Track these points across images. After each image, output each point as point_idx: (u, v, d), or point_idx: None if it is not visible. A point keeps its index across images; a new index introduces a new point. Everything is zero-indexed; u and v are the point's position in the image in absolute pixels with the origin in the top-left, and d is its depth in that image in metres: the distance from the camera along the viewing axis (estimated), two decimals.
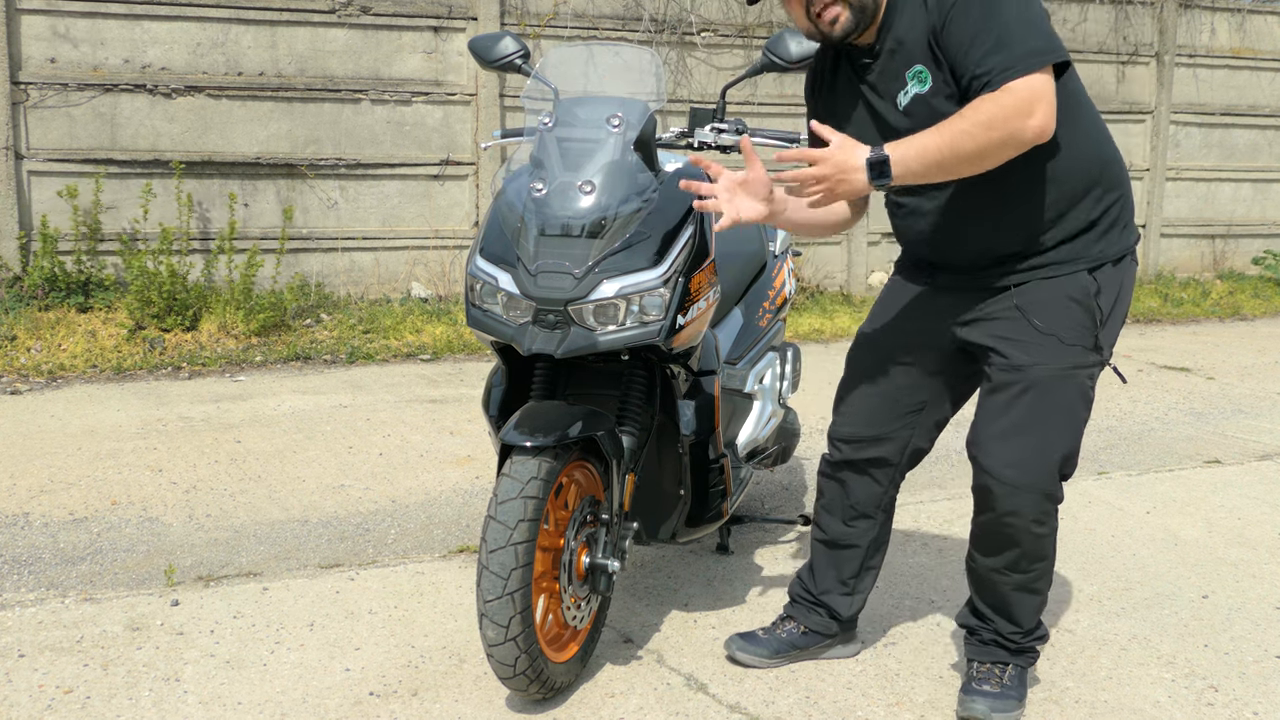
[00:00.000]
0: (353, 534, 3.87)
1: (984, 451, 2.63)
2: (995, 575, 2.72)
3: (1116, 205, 2.62)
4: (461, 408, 5.55)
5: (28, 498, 4.14)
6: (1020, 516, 2.61)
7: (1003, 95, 2.35)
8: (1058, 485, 2.62)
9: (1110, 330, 2.63)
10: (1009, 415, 2.60)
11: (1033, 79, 2.35)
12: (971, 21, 2.40)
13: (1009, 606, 2.75)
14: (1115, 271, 2.63)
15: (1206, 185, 10.04)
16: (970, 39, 2.40)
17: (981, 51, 2.39)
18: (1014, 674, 2.77)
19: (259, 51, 7.13)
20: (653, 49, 2.83)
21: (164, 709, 2.72)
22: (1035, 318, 2.58)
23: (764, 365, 3.67)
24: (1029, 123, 2.36)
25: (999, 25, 2.38)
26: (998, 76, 2.36)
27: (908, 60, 2.52)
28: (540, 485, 2.57)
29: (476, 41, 3.29)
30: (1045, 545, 2.67)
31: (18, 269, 6.68)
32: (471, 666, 2.93)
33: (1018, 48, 2.36)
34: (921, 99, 2.52)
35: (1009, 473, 2.58)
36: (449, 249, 7.68)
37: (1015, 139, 2.37)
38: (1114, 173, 2.62)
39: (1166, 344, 7.77)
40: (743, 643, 3.00)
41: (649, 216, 2.75)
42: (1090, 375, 2.62)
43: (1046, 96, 2.36)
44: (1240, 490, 4.56)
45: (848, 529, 2.95)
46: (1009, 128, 2.35)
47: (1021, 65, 2.35)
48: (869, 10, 2.53)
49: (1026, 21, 2.38)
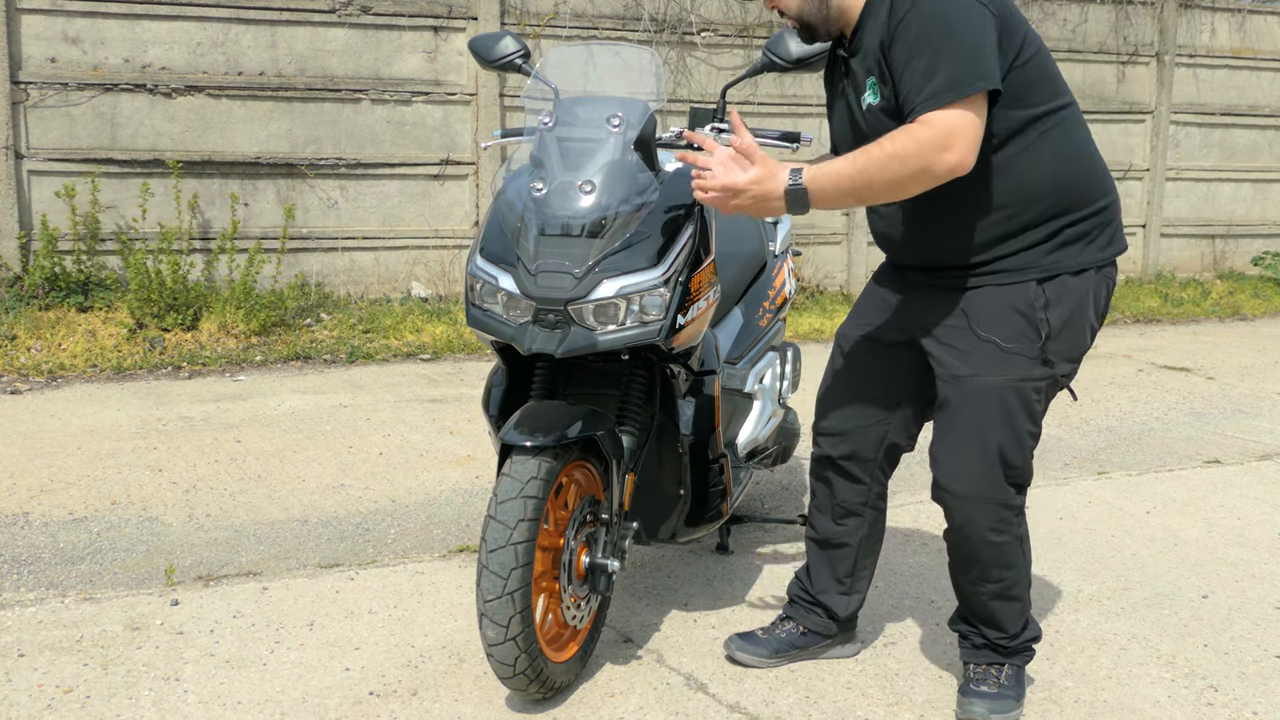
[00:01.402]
0: (352, 534, 3.87)
1: (936, 465, 2.67)
2: (971, 588, 2.74)
3: (1084, 223, 2.59)
4: (461, 407, 5.55)
5: (28, 497, 4.14)
6: (975, 527, 2.63)
7: (919, 128, 2.37)
8: (1008, 493, 2.62)
9: (1063, 344, 2.59)
10: (953, 429, 2.63)
11: (952, 112, 2.35)
12: (908, 44, 2.41)
13: (992, 615, 2.75)
14: (1074, 284, 2.58)
15: (1206, 185, 10.04)
16: (904, 63, 2.41)
17: (910, 77, 2.40)
18: (1011, 673, 2.78)
19: (259, 51, 7.13)
20: (653, 49, 2.83)
21: (164, 708, 2.72)
22: (977, 324, 2.59)
23: (764, 365, 3.67)
24: (943, 157, 2.36)
25: (930, 52, 2.37)
26: (919, 107, 2.37)
27: (868, 67, 2.55)
28: (540, 485, 2.57)
29: (476, 41, 3.29)
30: (1008, 553, 2.67)
31: (18, 268, 6.68)
32: (471, 666, 2.93)
33: (941, 78, 2.35)
34: (874, 111, 2.55)
35: (957, 485, 2.62)
36: (449, 249, 7.69)
37: (928, 172, 2.38)
38: (1082, 194, 2.58)
39: (1166, 344, 7.76)
40: (742, 643, 3.00)
41: (649, 216, 2.75)
42: (1036, 388, 2.59)
43: (965, 130, 2.36)
44: (1240, 490, 4.56)
45: (838, 527, 2.97)
46: (921, 161, 2.36)
47: (942, 97, 2.35)
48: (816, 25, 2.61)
49: (957, 50, 2.36)
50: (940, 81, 2.35)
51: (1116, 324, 8.54)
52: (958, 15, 2.39)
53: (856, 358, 2.89)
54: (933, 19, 2.39)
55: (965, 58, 2.36)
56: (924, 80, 2.37)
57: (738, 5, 8.22)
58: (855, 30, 2.59)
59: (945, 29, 2.38)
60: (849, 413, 2.89)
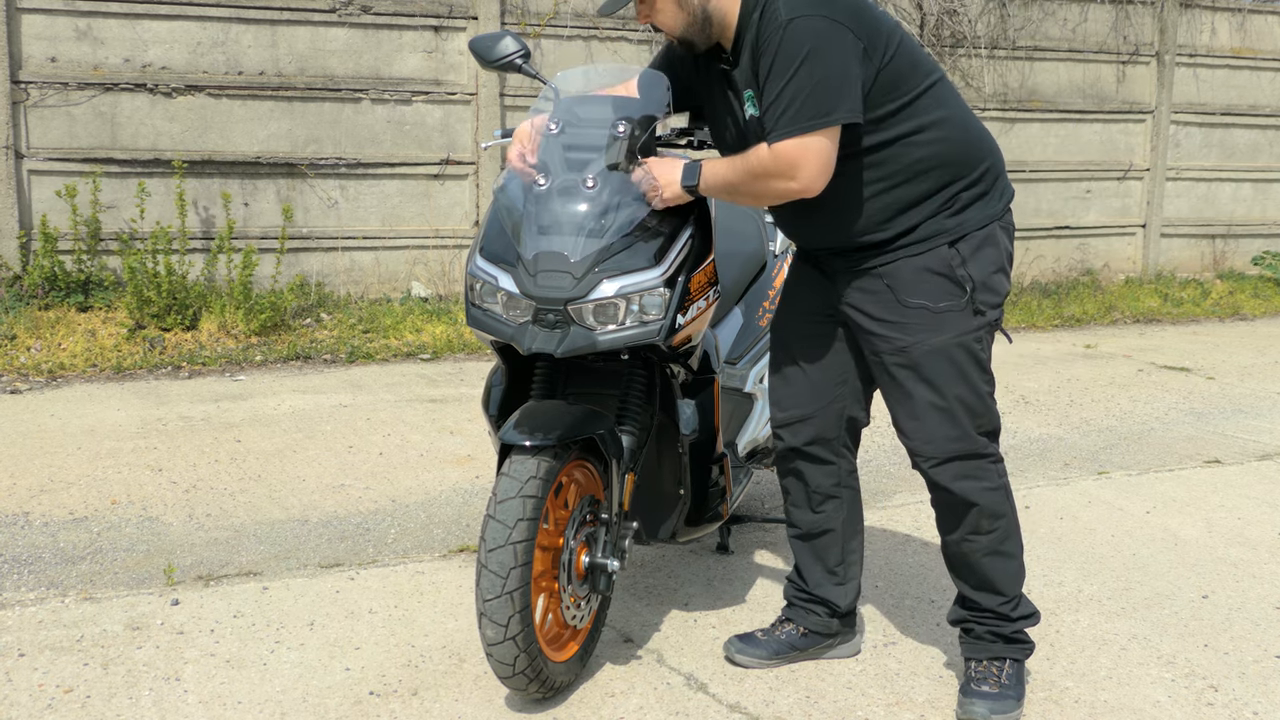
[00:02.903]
0: (353, 533, 3.87)
1: (904, 435, 2.77)
2: (963, 548, 2.78)
3: (976, 185, 2.69)
4: (461, 407, 5.55)
5: (28, 497, 4.14)
6: (958, 485, 2.70)
7: (769, 155, 2.54)
8: (980, 442, 2.71)
9: (988, 292, 2.69)
10: (909, 396, 2.72)
11: (798, 141, 2.50)
12: (770, 68, 2.53)
13: (987, 576, 2.78)
14: (981, 237, 2.69)
15: (1207, 185, 10.04)
16: (765, 83, 2.55)
17: (769, 104, 2.53)
18: (1011, 672, 2.78)
19: (259, 51, 7.13)
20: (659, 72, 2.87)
21: (164, 708, 2.72)
22: (902, 294, 2.68)
23: (764, 365, 3.67)
24: (790, 184, 2.55)
25: (787, 80, 2.50)
26: (771, 135, 2.53)
27: (746, 80, 2.66)
28: (539, 485, 2.57)
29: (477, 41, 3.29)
30: (994, 502, 2.73)
31: (18, 268, 6.68)
32: (471, 666, 2.93)
33: (793, 109, 2.49)
34: (754, 120, 2.67)
35: (930, 448, 2.71)
36: (449, 248, 7.68)
37: (780, 193, 2.60)
38: (968, 159, 2.69)
39: (1166, 344, 7.76)
40: (741, 644, 3.00)
41: (649, 216, 2.75)
42: (978, 339, 2.69)
43: (812, 159, 2.51)
44: (1240, 490, 4.56)
45: (817, 515, 3.00)
46: (771, 185, 2.58)
47: (791, 129, 2.49)
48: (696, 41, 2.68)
49: (814, 82, 2.48)
50: (791, 113, 2.50)
51: (1116, 324, 8.54)
52: (820, 44, 2.49)
53: (796, 343, 2.95)
54: (795, 46, 2.50)
55: (820, 90, 2.49)
56: (778, 108, 2.51)
57: None
58: (735, 41, 2.67)
59: (806, 58, 2.49)
60: (803, 397, 2.94)
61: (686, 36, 2.69)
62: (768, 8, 2.56)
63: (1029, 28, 9.09)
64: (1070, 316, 8.49)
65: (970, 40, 8.87)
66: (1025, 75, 9.17)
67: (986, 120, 9.06)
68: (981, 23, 8.92)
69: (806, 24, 2.49)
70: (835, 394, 2.92)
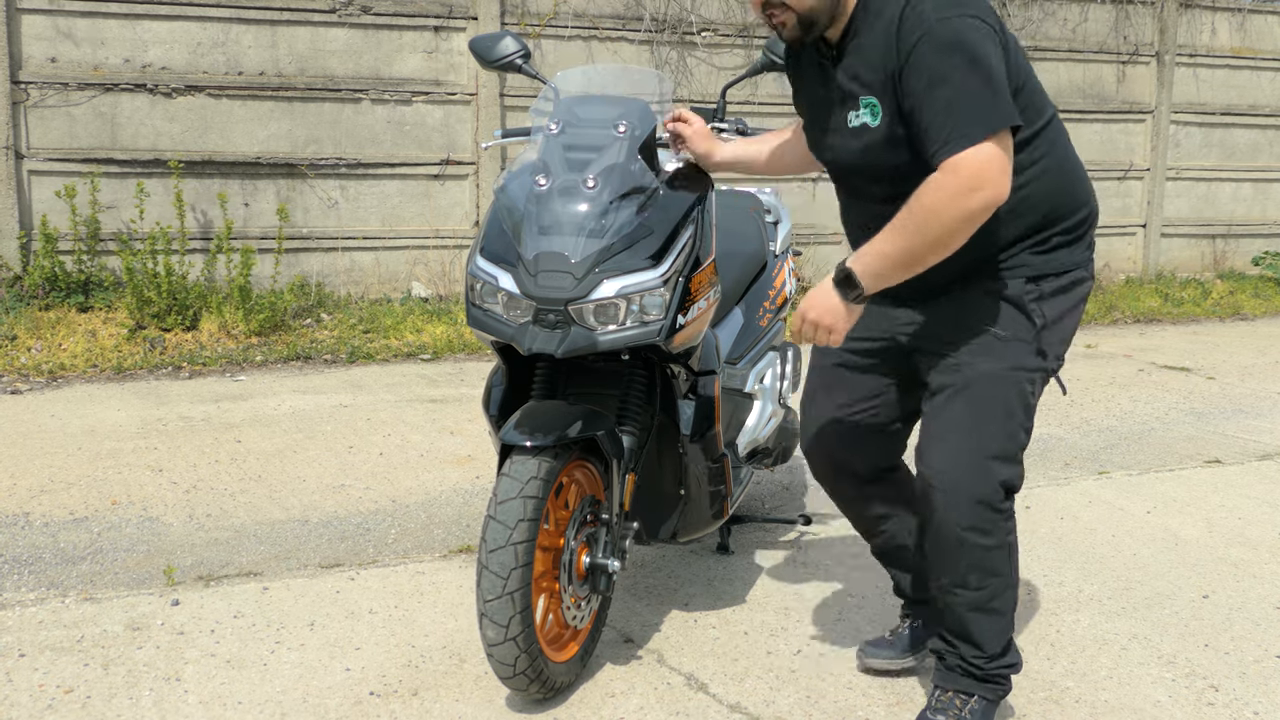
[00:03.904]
0: (353, 534, 3.87)
1: (921, 453, 2.57)
2: (948, 595, 2.59)
3: (1072, 231, 2.58)
4: (461, 408, 5.55)
5: (28, 497, 4.14)
6: (954, 522, 2.50)
7: (946, 176, 2.31)
8: (996, 491, 2.50)
9: (1054, 337, 2.57)
10: (945, 415, 2.55)
11: (977, 151, 2.29)
12: (923, 80, 2.33)
13: (967, 628, 2.59)
14: (1060, 284, 2.56)
15: (1207, 185, 10.04)
16: (922, 94, 2.34)
17: (929, 114, 2.33)
18: (977, 709, 2.60)
19: (259, 51, 7.13)
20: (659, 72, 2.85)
21: (164, 708, 2.72)
22: (970, 317, 2.55)
23: (764, 365, 3.67)
24: (976, 196, 2.30)
25: (948, 89, 2.31)
26: (942, 150, 2.31)
27: (866, 80, 2.46)
28: (540, 485, 2.57)
29: (477, 41, 3.29)
30: (994, 560, 2.53)
31: (18, 269, 6.68)
32: (472, 666, 2.93)
33: (962, 118, 2.29)
34: (869, 130, 2.48)
35: (942, 475, 2.51)
36: (449, 249, 7.68)
37: (967, 216, 2.32)
38: (1071, 204, 2.57)
39: (1167, 344, 7.76)
40: (872, 649, 2.96)
41: (649, 216, 2.75)
42: (1031, 380, 2.55)
43: (993, 166, 2.30)
44: (1241, 490, 4.56)
45: (879, 538, 2.92)
46: (957, 208, 2.31)
47: (964, 138, 2.29)
48: (818, 25, 2.49)
49: (977, 86, 2.30)
50: (960, 122, 2.29)
51: (1117, 324, 8.54)
52: (975, 47, 2.31)
53: (834, 365, 2.81)
54: (949, 51, 2.31)
55: (985, 94, 2.30)
56: (945, 118, 2.30)
57: (738, 5, 8.22)
58: (843, 35, 2.51)
59: (963, 62, 2.30)
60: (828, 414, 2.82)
61: (814, 13, 2.46)
62: (907, 8, 2.37)
63: (1029, 28, 9.09)
64: None
65: None
66: None
67: None
68: None
69: (957, 24, 2.32)
70: (867, 413, 2.77)
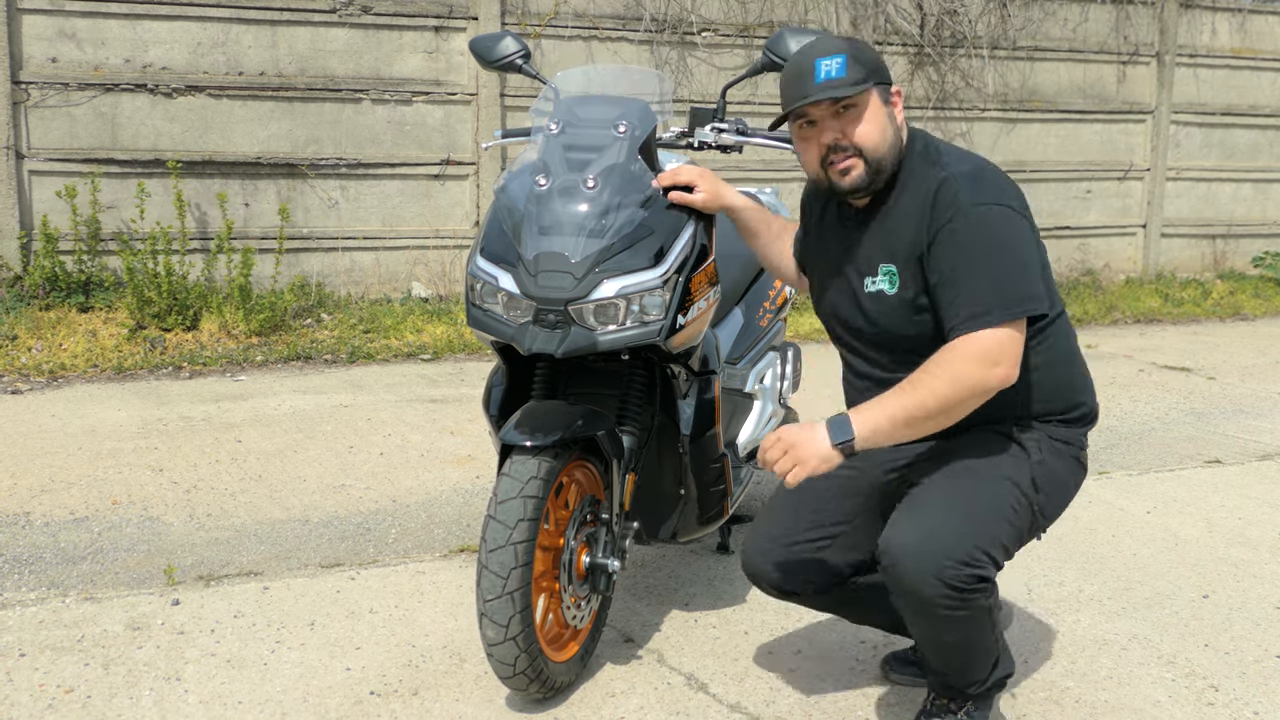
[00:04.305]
0: (353, 533, 3.87)
1: (889, 528, 2.41)
2: (928, 645, 2.50)
3: (1069, 425, 2.57)
4: (462, 407, 5.55)
5: (28, 497, 4.14)
6: (921, 591, 2.32)
7: (967, 345, 2.32)
8: (961, 571, 2.30)
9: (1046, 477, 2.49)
10: (926, 494, 2.43)
11: (998, 331, 2.31)
12: (954, 255, 2.35)
13: (953, 668, 2.53)
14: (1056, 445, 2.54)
15: (1207, 185, 10.04)
16: (949, 272, 2.36)
17: (954, 291, 2.35)
18: (971, 711, 2.58)
19: (260, 51, 7.13)
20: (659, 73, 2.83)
21: (164, 708, 2.72)
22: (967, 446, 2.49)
23: (764, 365, 3.67)
24: (994, 372, 2.31)
25: (975, 270, 2.33)
26: (965, 324, 2.33)
27: (890, 249, 2.47)
28: (540, 485, 2.58)
29: (477, 41, 3.30)
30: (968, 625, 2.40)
31: (18, 268, 6.68)
32: (472, 666, 2.94)
33: (989, 297, 2.32)
34: (884, 298, 2.49)
35: (907, 542, 2.33)
36: (449, 249, 7.68)
37: (979, 389, 2.32)
38: (1071, 398, 2.56)
39: (1167, 344, 7.76)
40: (898, 664, 2.90)
41: (650, 216, 2.75)
42: (1017, 500, 2.44)
43: (1011, 345, 2.33)
44: (1241, 490, 4.57)
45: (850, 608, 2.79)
46: (973, 379, 2.31)
47: (991, 318, 2.31)
48: (884, 173, 2.47)
49: (1010, 266, 2.34)
50: (988, 300, 2.32)
51: (1117, 324, 8.54)
52: (1007, 231, 2.35)
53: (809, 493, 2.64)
54: (982, 231, 2.34)
55: (1013, 278, 2.33)
56: (970, 296, 2.33)
57: (738, 5, 8.22)
58: (872, 201, 2.51)
59: (995, 245, 2.34)
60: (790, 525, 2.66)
61: (882, 159, 2.44)
62: (944, 185, 2.38)
63: (1029, 28, 9.09)
64: (1071, 316, 8.46)
65: (970, 40, 8.87)
66: (1026, 75, 9.17)
67: (987, 121, 9.07)
68: (982, 23, 8.92)
69: (993, 213, 2.36)
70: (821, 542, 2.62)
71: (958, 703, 2.59)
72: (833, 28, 8.34)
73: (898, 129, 2.48)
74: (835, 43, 2.47)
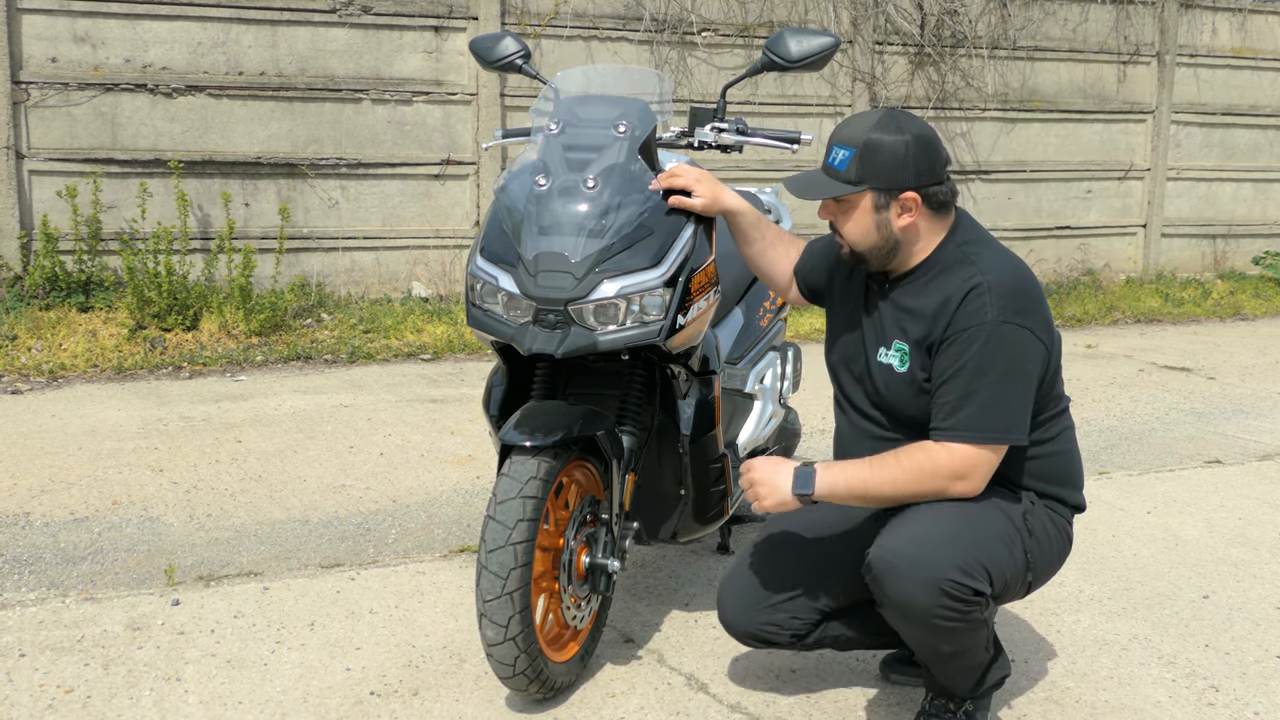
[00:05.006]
0: (353, 534, 3.87)
1: (881, 537, 2.43)
2: (924, 652, 2.51)
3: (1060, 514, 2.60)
4: (462, 408, 5.55)
5: (28, 497, 4.14)
6: (915, 600, 2.33)
7: (942, 453, 2.40)
8: (958, 581, 2.32)
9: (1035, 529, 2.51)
10: (919, 513, 2.44)
11: (979, 450, 2.40)
12: (960, 362, 2.41)
13: (947, 681, 2.57)
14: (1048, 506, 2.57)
15: (1207, 185, 10.04)
16: (954, 375, 2.41)
17: (948, 393, 2.42)
18: (971, 710, 2.61)
19: (260, 51, 7.13)
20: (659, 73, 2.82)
21: (165, 708, 2.72)
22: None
23: (764, 365, 3.67)
24: (958, 484, 2.41)
25: (978, 384, 2.39)
26: (946, 430, 2.41)
27: (906, 329, 2.52)
28: (539, 485, 2.57)
29: (477, 41, 3.30)
30: (964, 636, 2.42)
31: (19, 268, 6.68)
32: (472, 666, 2.94)
33: (980, 417, 2.38)
34: (893, 373, 2.55)
35: (902, 548, 2.35)
36: (449, 249, 7.69)
37: (942, 493, 2.42)
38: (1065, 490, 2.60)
39: (1167, 344, 7.76)
40: (899, 665, 2.90)
41: (650, 216, 2.75)
42: (1010, 531, 2.46)
43: (983, 466, 2.41)
44: (1241, 490, 4.56)
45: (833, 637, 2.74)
46: (937, 484, 2.41)
47: (974, 436, 2.39)
48: (870, 262, 2.54)
49: (1009, 393, 2.39)
50: (974, 418, 2.38)
51: (1117, 324, 8.54)
52: (1016, 358, 2.39)
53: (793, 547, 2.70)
54: (997, 348, 2.38)
55: (1008, 405, 2.39)
56: (959, 406, 2.39)
57: (738, 5, 8.22)
58: (902, 277, 2.55)
59: (1003, 368, 2.39)
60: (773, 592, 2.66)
61: (865, 255, 2.53)
62: (974, 292, 2.42)
63: (1029, 28, 9.09)
64: (1071, 316, 8.49)
65: (971, 40, 8.87)
66: (1026, 75, 9.17)
67: (987, 120, 9.07)
68: (982, 23, 8.92)
69: (1016, 334, 2.40)
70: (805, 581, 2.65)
71: (956, 703, 2.61)
72: (833, 27, 8.33)
73: (891, 235, 2.49)
74: (860, 130, 2.49)
